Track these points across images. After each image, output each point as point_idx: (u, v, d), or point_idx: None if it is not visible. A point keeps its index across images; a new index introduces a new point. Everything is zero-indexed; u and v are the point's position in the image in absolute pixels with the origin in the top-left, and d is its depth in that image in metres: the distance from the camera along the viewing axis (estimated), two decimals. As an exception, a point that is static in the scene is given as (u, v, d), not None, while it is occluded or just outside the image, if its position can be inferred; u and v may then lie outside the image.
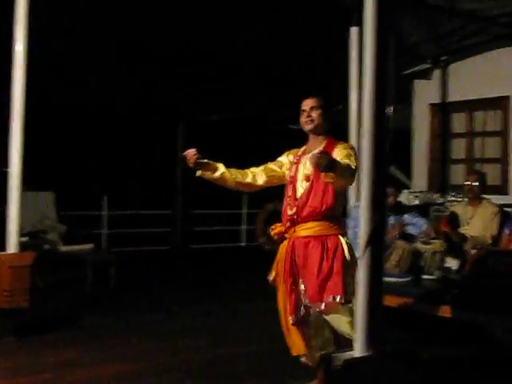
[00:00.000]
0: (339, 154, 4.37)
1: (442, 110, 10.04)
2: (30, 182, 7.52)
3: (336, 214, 4.54)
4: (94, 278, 8.87)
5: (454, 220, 7.17)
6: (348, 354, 2.63)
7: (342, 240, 4.43)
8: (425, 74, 10.09)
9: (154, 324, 7.05)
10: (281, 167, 4.78)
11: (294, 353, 4.50)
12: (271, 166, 4.81)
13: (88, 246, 9.32)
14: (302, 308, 4.47)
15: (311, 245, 4.47)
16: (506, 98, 9.33)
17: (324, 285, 4.30)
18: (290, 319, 4.46)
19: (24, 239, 8.03)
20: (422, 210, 8.73)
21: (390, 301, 6.14)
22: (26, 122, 6.51)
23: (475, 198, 7.15)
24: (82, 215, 11.70)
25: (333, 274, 4.30)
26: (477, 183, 7.13)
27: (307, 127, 4.61)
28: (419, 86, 10.27)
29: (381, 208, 2.61)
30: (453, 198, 8.72)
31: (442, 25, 8.96)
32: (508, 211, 7.23)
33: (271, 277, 4.66)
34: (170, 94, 10.23)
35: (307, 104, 4.61)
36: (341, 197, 4.54)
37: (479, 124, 9.82)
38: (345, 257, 4.33)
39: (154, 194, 13.53)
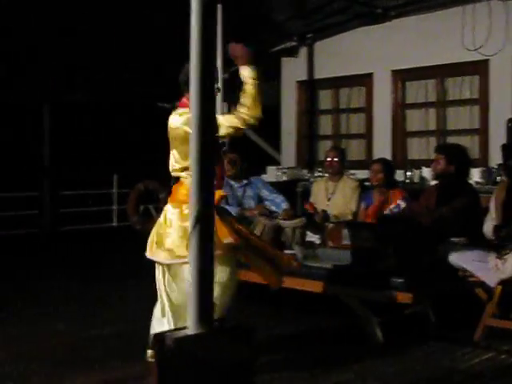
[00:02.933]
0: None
1: (309, 87, 10.21)
2: None
3: None
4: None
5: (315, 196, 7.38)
6: (181, 333, 2.62)
7: None
8: (291, 52, 10.21)
9: (19, 309, 6.79)
10: None
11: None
12: None
13: None
14: None
15: None
16: (370, 75, 9.58)
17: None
18: None
19: None
20: (290, 185, 8.88)
21: (250, 276, 6.19)
22: None
23: (335, 173, 7.30)
24: None
25: None
26: (336, 159, 7.27)
27: None
28: (286, 63, 10.39)
29: (209, 187, 2.59)
30: (320, 174, 8.90)
31: (307, 3, 9.09)
32: (368, 185, 7.43)
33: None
34: (34, 75, 9.90)
35: None
36: None
37: (344, 101, 10.06)
38: None
39: (20, 175, 13.09)
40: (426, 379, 4.78)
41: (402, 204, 6.41)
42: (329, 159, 7.29)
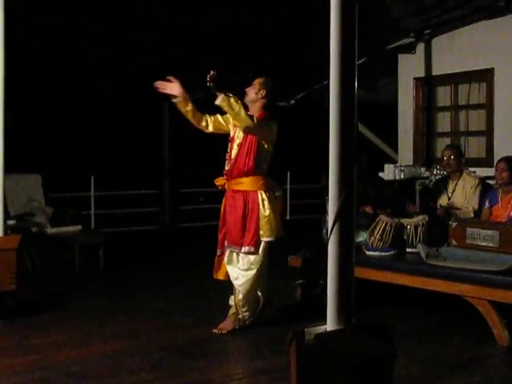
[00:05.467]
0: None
1: (427, 84, 10.06)
2: (15, 165, 7.51)
3: (258, 173, 5.71)
4: (82, 259, 8.88)
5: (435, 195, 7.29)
6: (320, 328, 2.67)
7: (261, 195, 5.67)
8: (409, 48, 10.08)
9: (142, 303, 7.07)
10: (227, 124, 5.88)
11: (215, 276, 6.07)
12: (220, 119, 5.91)
13: (76, 228, 9.34)
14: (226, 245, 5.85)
15: (236, 197, 5.70)
16: (491, 70, 9.34)
17: (242, 232, 5.67)
18: (218, 251, 5.96)
19: (11, 222, 8.07)
20: (408, 184, 8.79)
21: (374, 275, 6.21)
22: (6, 105, 6.49)
23: (454, 171, 7.20)
24: (69, 197, 11.69)
25: (248, 225, 5.65)
26: (453, 157, 7.16)
27: (246, 100, 5.74)
28: (403, 60, 10.26)
29: (349, 184, 2.62)
30: (438, 172, 8.76)
31: (424, -2, 8.96)
32: (490, 183, 7.28)
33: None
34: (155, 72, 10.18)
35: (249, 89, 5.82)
36: (264, 158, 5.72)
37: (463, 97, 9.85)
38: (260, 210, 5.63)
39: (141, 173, 13.52)
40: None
41: (528, 204, 6.24)
42: (445, 158, 7.20)
